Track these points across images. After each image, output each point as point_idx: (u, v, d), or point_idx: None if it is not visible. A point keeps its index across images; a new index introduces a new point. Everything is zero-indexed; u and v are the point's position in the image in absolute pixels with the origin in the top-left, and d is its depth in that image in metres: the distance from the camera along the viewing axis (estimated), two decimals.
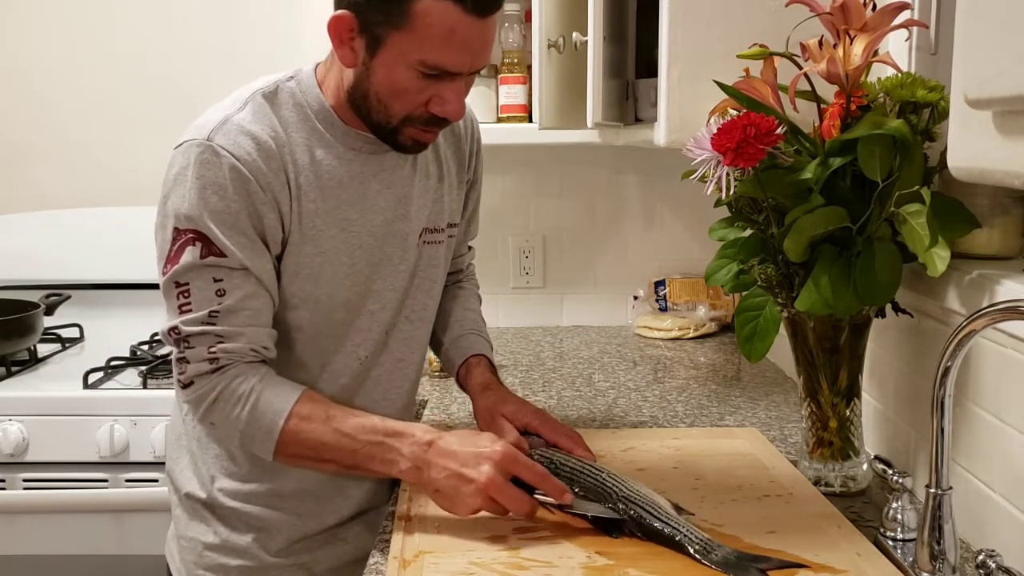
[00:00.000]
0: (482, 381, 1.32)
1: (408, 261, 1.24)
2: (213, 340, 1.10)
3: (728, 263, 1.26)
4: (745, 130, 1.04)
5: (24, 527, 1.78)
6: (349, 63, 1.11)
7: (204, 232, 1.08)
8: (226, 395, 1.11)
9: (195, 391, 1.12)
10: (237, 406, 1.11)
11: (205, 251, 1.08)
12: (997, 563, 0.89)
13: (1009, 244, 1.16)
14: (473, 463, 1.04)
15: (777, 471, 1.23)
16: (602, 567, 0.97)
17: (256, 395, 1.10)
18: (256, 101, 1.14)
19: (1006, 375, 1.02)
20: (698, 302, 2.29)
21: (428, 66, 1.06)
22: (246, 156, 1.09)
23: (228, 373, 1.11)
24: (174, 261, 1.10)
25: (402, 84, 1.08)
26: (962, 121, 0.74)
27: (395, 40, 1.05)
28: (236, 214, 1.09)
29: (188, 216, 1.08)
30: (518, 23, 2.14)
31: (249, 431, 1.11)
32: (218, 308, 1.10)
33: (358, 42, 1.08)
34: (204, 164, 1.08)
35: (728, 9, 1.38)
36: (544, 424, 1.25)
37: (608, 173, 2.37)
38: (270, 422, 1.10)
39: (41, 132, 2.38)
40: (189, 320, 1.10)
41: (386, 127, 1.14)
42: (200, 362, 1.11)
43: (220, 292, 1.10)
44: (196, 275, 1.09)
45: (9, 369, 1.93)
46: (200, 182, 1.08)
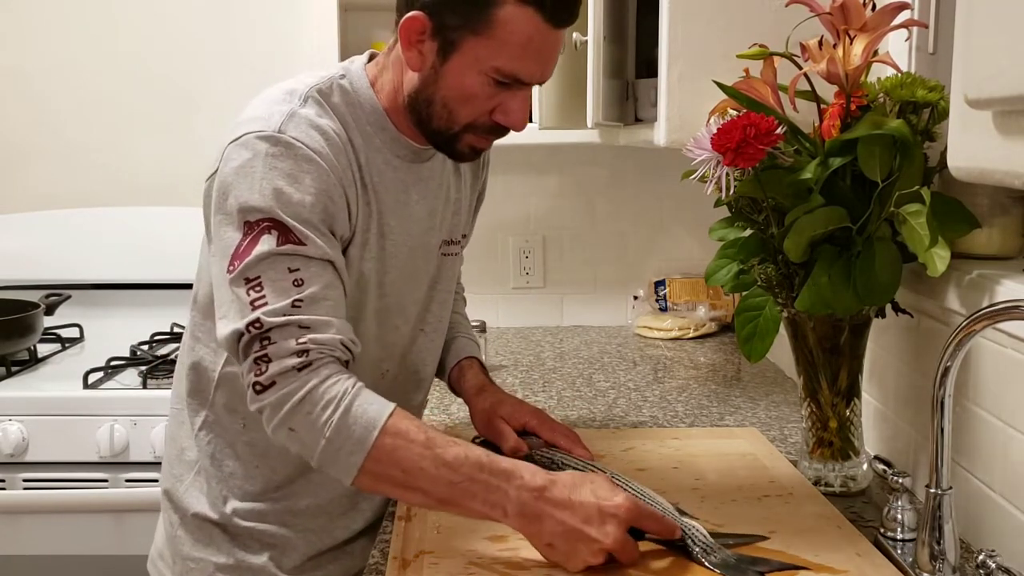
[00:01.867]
0: (476, 384, 1.31)
1: (430, 273, 1.23)
2: (300, 332, 0.98)
3: (728, 263, 1.26)
4: (745, 130, 1.04)
5: (24, 527, 1.78)
6: (416, 67, 1.07)
7: (281, 220, 1.00)
8: (316, 395, 0.97)
9: (277, 391, 0.98)
10: (328, 409, 0.97)
11: (283, 239, 1.00)
12: (997, 563, 0.89)
13: (1009, 244, 1.16)
14: (597, 521, 0.93)
15: (777, 471, 1.23)
16: (602, 567, 0.97)
17: (350, 399, 0.98)
18: (315, 97, 1.09)
19: (1006, 375, 1.02)
20: (698, 302, 2.29)
21: (503, 73, 1.05)
22: (321, 148, 1.05)
23: (320, 371, 0.98)
24: (244, 255, 1.00)
25: (472, 90, 1.06)
26: (962, 121, 0.74)
27: (471, 45, 1.03)
28: (311, 207, 1.02)
29: (260, 207, 1.01)
30: None
31: (337, 440, 0.97)
32: (301, 296, 0.99)
33: (428, 45, 1.05)
34: (276, 156, 1.02)
35: (728, 9, 1.38)
36: (542, 424, 1.24)
37: (608, 173, 2.37)
38: (363, 431, 0.97)
39: (41, 132, 2.38)
40: (270, 311, 0.98)
41: (446, 133, 1.10)
42: (286, 357, 0.98)
43: (298, 282, 1.00)
44: (269, 265, 1.00)
45: (9, 369, 1.93)
46: (273, 173, 1.02)
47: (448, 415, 1.65)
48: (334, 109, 1.10)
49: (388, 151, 1.14)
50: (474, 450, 0.99)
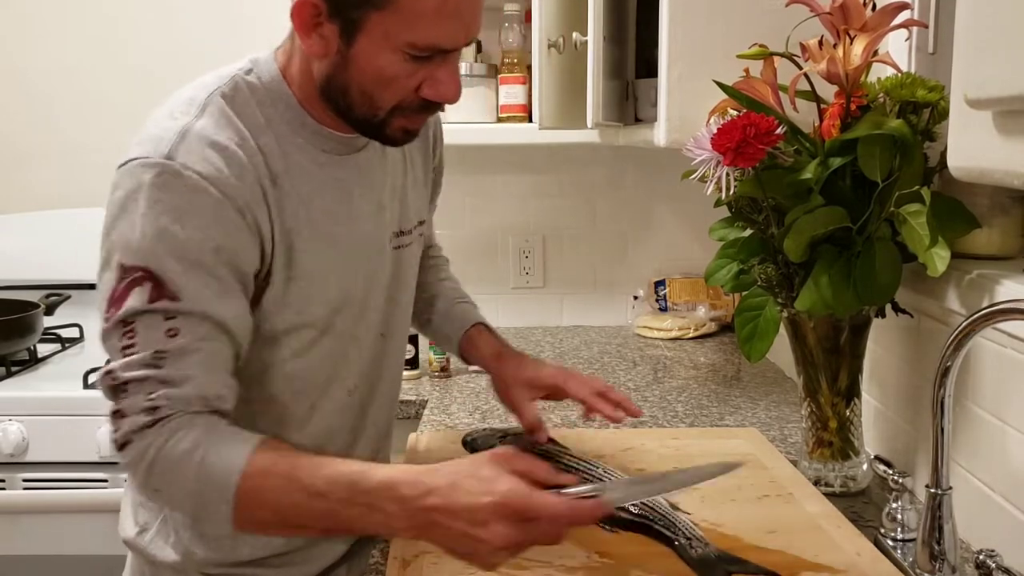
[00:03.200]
0: (492, 350, 1.24)
1: (385, 271, 1.11)
2: (155, 386, 0.89)
3: (728, 263, 1.26)
4: (745, 130, 1.04)
5: (24, 527, 1.78)
6: (318, 53, 0.95)
7: (155, 270, 0.89)
8: (166, 453, 0.88)
9: (131, 451, 0.89)
10: (182, 465, 0.88)
11: (155, 294, 0.89)
12: (997, 563, 0.89)
13: (1009, 244, 1.16)
14: (480, 523, 0.82)
15: (777, 471, 1.23)
16: (602, 567, 0.97)
17: (203, 450, 0.88)
18: (215, 104, 0.97)
19: (1006, 375, 1.02)
20: (698, 302, 2.29)
21: (420, 47, 0.92)
22: (217, 174, 0.92)
23: (168, 427, 0.89)
24: (118, 304, 0.90)
25: (389, 71, 0.93)
26: (962, 121, 0.74)
27: (377, 22, 0.90)
28: (200, 246, 0.90)
29: (138, 249, 0.89)
30: (518, 23, 2.14)
31: (201, 496, 0.88)
32: (166, 348, 0.89)
33: (328, 28, 0.92)
34: (162, 187, 0.90)
35: (728, 9, 1.38)
36: (569, 380, 1.17)
37: (608, 173, 2.37)
38: (222, 480, 0.87)
39: (41, 132, 2.38)
40: (128, 363, 0.89)
41: (373, 120, 0.98)
42: (136, 414, 0.89)
43: (171, 332, 0.90)
44: (144, 318, 0.90)
45: (9, 369, 1.93)
46: (156, 208, 0.89)
47: (448, 415, 1.65)
48: (240, 114, 0.97)
49: (313, 148, 1.02)
50: (343, 471, 0.87)
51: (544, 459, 1.15)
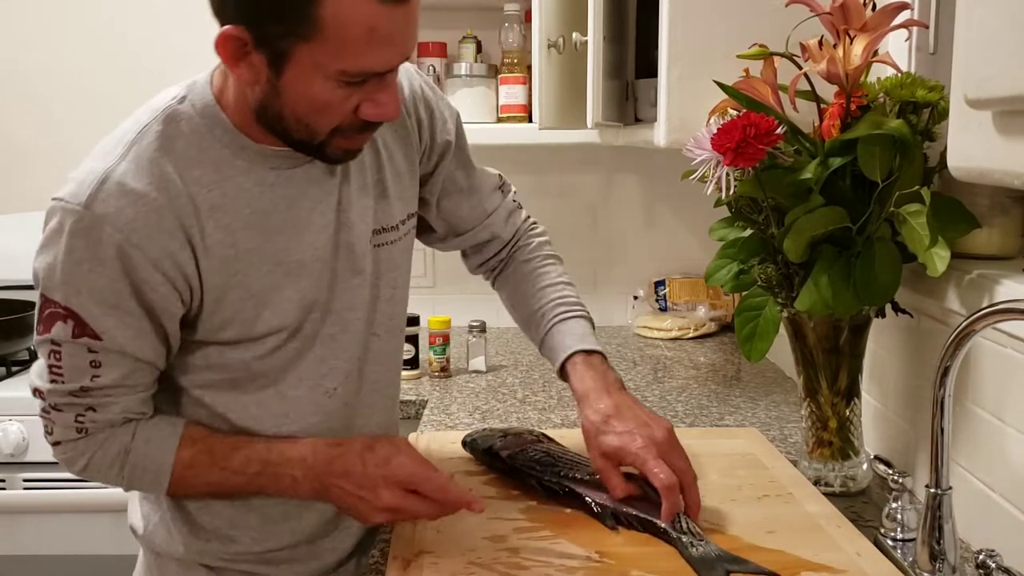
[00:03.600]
0: (580, 389, 1.14)
1: (363, 272, 1.09)
2: (82, 409, 1.00)
3: (728, 263, 1.26)
4: (745, 130, 1.04)
5: (24, 527, 1.78)
6: (249, 81, 0.93)
7: (76, 311, 0.95)
8: (97, 459, 1.03)
9: (63, 452, 1.04)
10: (113, 467, 1.04)
11: (78, 331, 0.95)
12: (997, 563, 0.89)
13: (1009, 244, 1.16)
14: (369, 487, 1.01)
15: (777, 471, 1.23)
16: (603, 567, 0.97)
17: (132, 455, 1.03)
18: (140, 144, 0.97)
19: (1006, 375, 1.02)
20: (698, 302, 2.29)
21: (351, 74, 0.90)
22: (129, 225, 0.93)
23: (97, 438, 1.02)
24: (45, 329, 0.97)
25: (323, 98, 0.91)
26: (962, 121, 0.75)
27: (304, 52, 0.88)
28: (118, 292, 0.95)
29: (58, 289, 0.95)
30: (518, 23, 2.14)
31: (135, 486, 1.07)
32: (92, 384, 0.98)
33: (256, 57, 0.90)
34: (78, 235, 0.93)
35: (728, 9, 1.38)
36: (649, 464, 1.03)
37: (608, 173, 2.37)
38: (154, 476, 1.04)
39: (41, 132, 2.38)
40: (58, 391, 0.99)
41: (311, 144, 0.97)
42: (66, 427, 1.02)
43: (95, 363, 0.98)
44: (69, 346, 0.97)
45: (9, 369, 1.93)
46: (74, 256, 0.93)
47: (448, 415, 1.65)
48: (167, 151, 0.97)
49: (259, 168, 1.00)
50: (254, 450, 1.04)
51: (544, 459, 1.16)
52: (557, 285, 1.24)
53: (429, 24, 2.31)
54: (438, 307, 2.13)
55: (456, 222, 1.25)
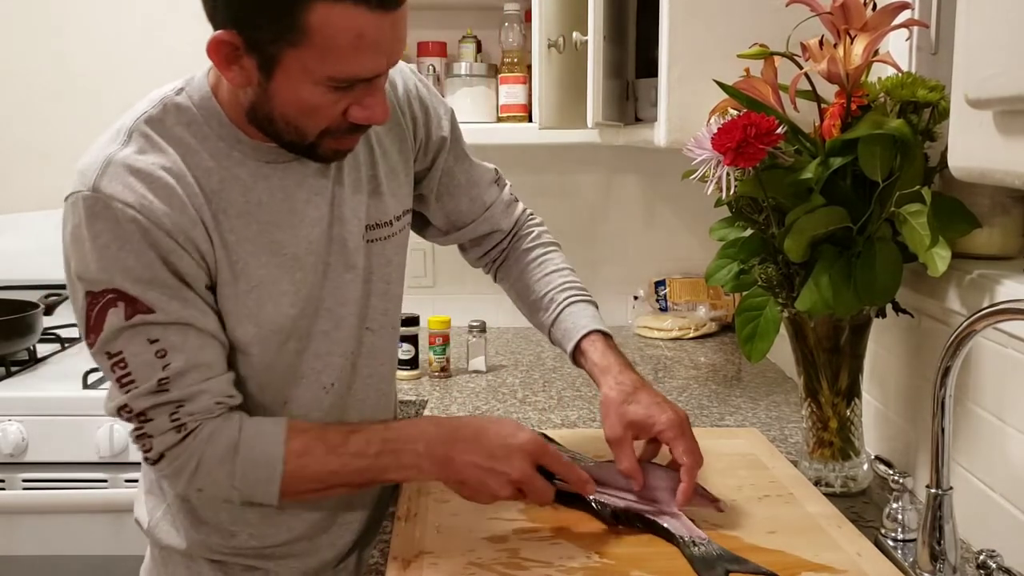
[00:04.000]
0: (602, 364, 1.15)
1: (355, 267, 1.09)
2: (172, 407, 0.97)
3: (728, 263, 1.26)
4: (745, 130, 1.04)
5: (24, 527, 1.78)
6: (240, 84, 0.95)
7: (121, 289, 0.94)
8: (208, 459, 0.98)
9: (169, 465, 0.99)
10: (224, 465, 0.98)
11: (130, 311, 0.94)
12: (997, 563, 0.89)
13: (1009, 244, 1.16)
14: (503, 455, 0.99)
15: (777, 471, 1.23)
16: (602, 567, 0.97)
17: (243, 447, 0.99)
18: (140, 131, 0.98)
19: (1006, 375, 1.02)
20: (698, 302, 2.29)
21: (339, 80, 0.92)
22: (140, 200, 0.94)
23: (201, 436, 0.98)
24: (97, 329, 0.95)
25: (311, 102, 0.93)
26: (962, 121, 0.74)
27: (293, 58, 0.90)
28: (150, 265, 0.94)
29: (98, 278, 0.94)
30: (518, 23, 2.14)
31: (246, 487, 1.00)
32: (166, 374, 0.96)
33: (247, 61, 0.92)
34: (97, 218, 0.93)
35: (728, 9, 1.38)
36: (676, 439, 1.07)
37: (608, 173, 2.37)
38: (267, 470, 0.99)
39: (41, 132, 2.38)
40: (137, 394, 0.96)
41: (301, 145, 0.99)
42: (165, 433, 0.97)
43: (160, 353, 0.95)
44: (128, 340, 0.95)
45: (9, 369, 1.93)
46: (100, 240, 0.93)
47: (448, 415, 1.65)
48: (167, 137, 0.99)
49: (253, 161, 1.02)
50: (372, 431, 1.03)
51: None
52: (562, 271, 1.27)
53: (429, 24, 2.32)
54: (438, 307, 2.12)
55: (456, 216, 1.26)
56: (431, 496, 1.16)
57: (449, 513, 1.10)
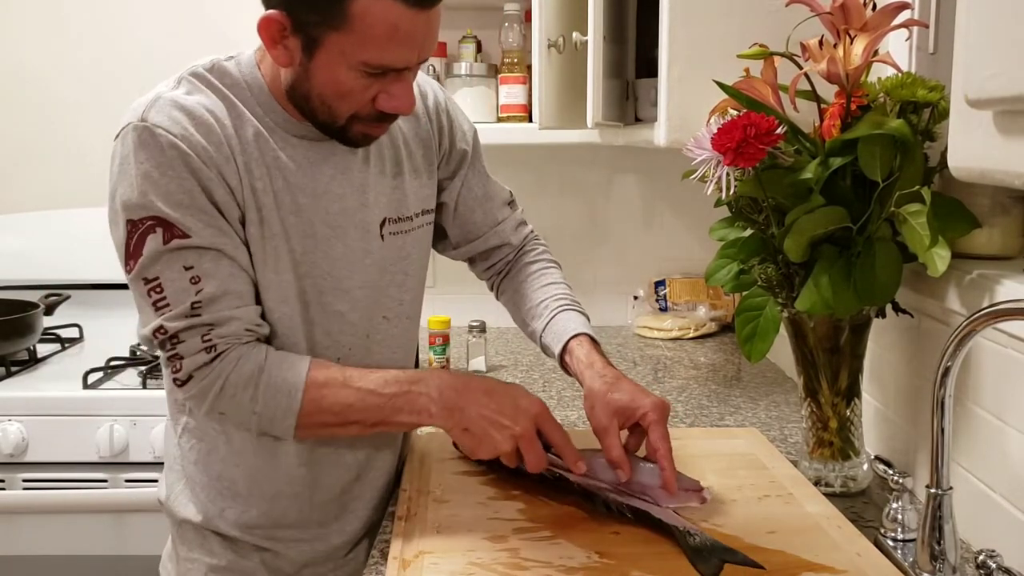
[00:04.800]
0: (586, 360, 1.21)
1: (374, 254, 1.15)
2: (205, 329, 1.03)
3: (728, 263, 1.26)
4: (745, 130, 1.04)
5: (24, 527, 1.78)
6: (284, 63, 1.03)
7: (160, 215, 1.01)
8: (233, 381, 1.04)
9: (196, 385, 1.05)
10: (248, 388, 1.04)
11: (167, 235, 1.01)
12: (997, 563, 0.89)
13: (1009, 244, 1.16)
14: (511, 412, 1.06)
15: (777, 471, 1.23)
16: (602, 567, 0.97)
17: (266, 373, 1.04)
18: (189, 78, 1.08)
19: (1006, 375, 1.02)
20: (698, 302, 2.29)
21: (372, 66, 1.00)
22: (182, 131, 1.02)
23: (229, 358, 1.04)
24: (136, 255, 1.02)
25: (346, 85, 1.02)
26: (962, 121, 0.74)
27: (334, 41, 0.99)
28: (189, 191, 1.02)
29: (139, 204, 1.01)
30: (518, 23, 2.14)
31: (267, 412, 1.05)
32: (199, 299, 1.02)
33: (292, 41, 1.01)
34: (143, 146, 1.01)
35: (728, 9, 1.38)
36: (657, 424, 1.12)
37: (608, 173, 2.37)
38: (287, 397, 1.05)
39: (41, 132, 2.38)
40: (171, 316, 1.02)
41: (333, 126, 1.07)
42: (196, 354, 1.03)
43: (195, 279, 1.02)
44: (165, 266, 1.02)
45: (9, 369, 1.93)
46: (144, 166, 1.01)
47: None
48: (212, 88, 1.07)
49: (284, 130, 1.09)
50: (390, 372, 1.09)
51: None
52: (559, 284, 1.34)
53: None
54: (438, 307, 2.12)
55: (470, 227, 1.32)
56: (431, 496, 1.16)
57: (449, 513, 1.11)
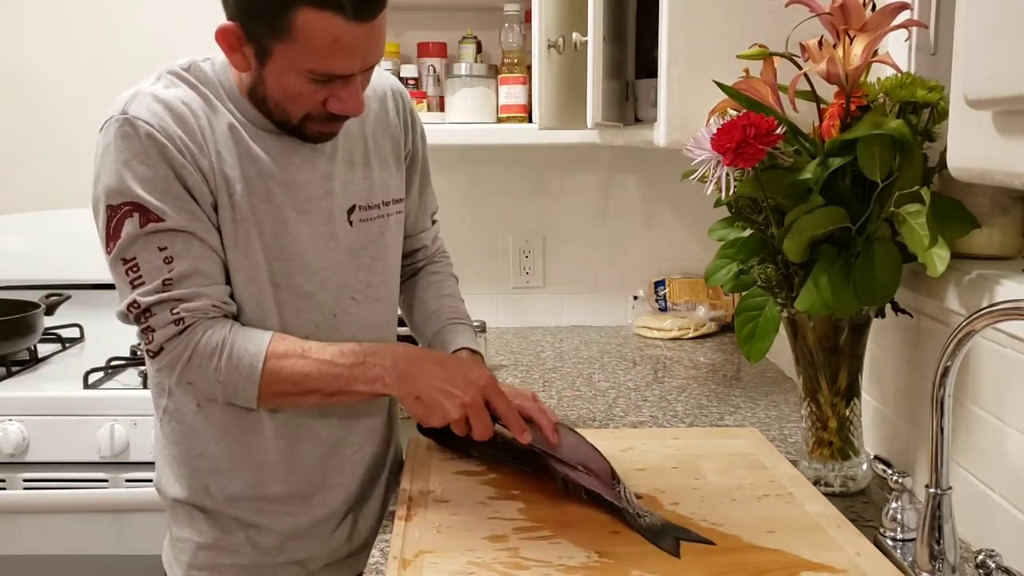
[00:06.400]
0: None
1: (340, 238, 1.22)
2: (174, 303, 1.10)
3: (728, 263, 1.26)
4: (745, 130, 1.04)
5: (24, 527, 1.78)
6: (242, 68, 1.12)
7: (137, 201, 1.09)
8: (199, 351, 1.11)
9: (166, 356, 1.12)
10: (213, 359, 1.11)
11: (144, 219, 1.09)
12: (997, 563, 0.89)
13: (1009, 244, 1.16)
14: (460, 383, 1.13)
15: (777, 471, 1.23)
16: (602, 567, 0.97)
17: (229, 344, 1.11)
18: (166, 76, 1.16)
19: (1006, 375, 1.02)
20: (698, 302, 2.29)
21: (318, 73, 1.07)
22: (160, 122, 1.10)
23: (197, 330, 1.11)
24: (115, 237, 1.10)
25: (295, 90, 1.09)
26: (962, 121, 0.75)
27: (281, 51, 1.06)
28: (164, 178, 1.09)
29: (118, 190, 1.09)
30: (518, 23, 2.14)
31: (229, 381, 1.12)
32: (170, 276, 1.10)
33: (247, 49, 1.09)
34: (123, 136, 1.09)
35: (728, 9, 1.38)
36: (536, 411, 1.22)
37: (608, 173, 2.37)
38: (249, 367, 1.11)
39: (41, 132, 2.38)
40: (145, 291, 1.10)
41: (288, 125, 1.15)
42: (166, 326, 1.11)
43: (168, 260, 1.10)
44: (140, 247, 1.10)
45: (9, 369, 1.93)
46: (123, 155, 1.09)
47: None
48: (188, 83, 1.15)
49: (252, 125, 1.16)
50: (347, 344, 1.16)
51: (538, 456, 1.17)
52: (455, 296, 1.44)
53: (429, 24, 2.32)
54: None
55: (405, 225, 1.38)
56: (431, 496, 1.16)
57: (449, 513, 1.11)
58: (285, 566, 1.25)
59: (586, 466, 1.14)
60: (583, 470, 1.14)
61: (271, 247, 1.17)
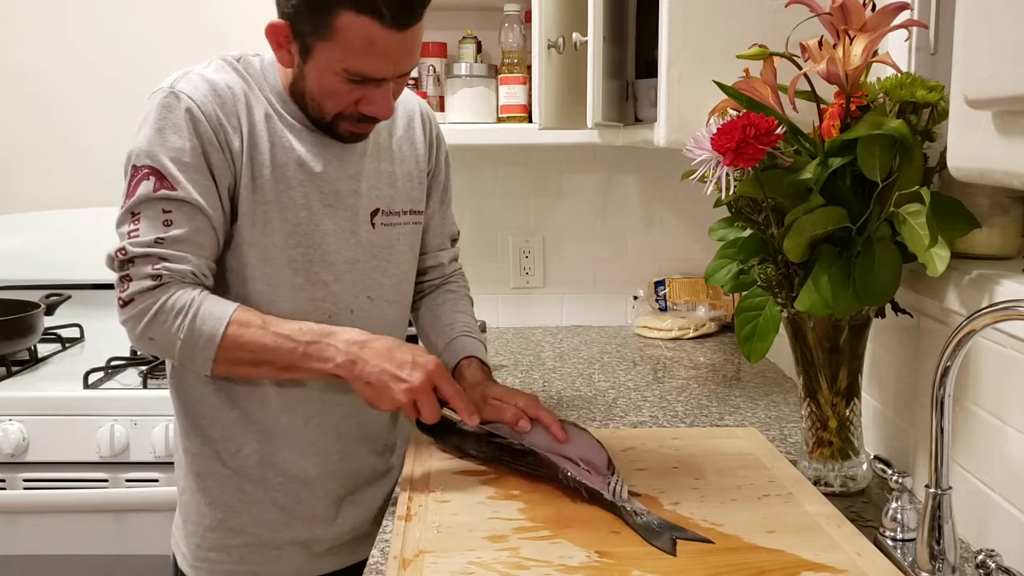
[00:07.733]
0: (473, 380, 1.33)
1: (361, 236, 1.29)
2: (157, 260, 1.15)
3: (728, 263, 1.26)
4: (745, 130, 1.04)
5: (24, 527, 1.78)
6: (287, 64, 1.20)
7: (158, 167, 1.15)
8: (167, 308, 1.15)
9: (135, 307, 1.15)
10: (178, 318, 1.15)
11: (158, 185, 1.15)
12: (997, 563, 0.89)
13: (1009, 244, 1.16)
14: (408, 368, 1.16)
15: (777, 471, 1.23)
16: (602, 567, 0.97)
17: (196, 306, 1.15)
18: (218, 61, 1.24)
19: (1006, 375, 1.02)
20: (698, 302, 2.29)
21: (352, 74, 1.15)
22: (202, 98, 1.18)
23: (169, 288, 1.15)
24: (130, 195, 1.17)
25: (331, 87, 1.17)
26: (962, 121, 0.74)
27: (321, 50, 1.14)
28: (191, 151, 1.16)
29: (147, 152, 1.16)
30: (518, 23, 2.14)
31: (190, 341, 1.15)
32: (164, 236, 1.16)
33: (293, 47, 1.17)
34: (165, 107, 1.17)
35: (728, 9, 1.38)
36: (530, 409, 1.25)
37: (608, 173, 2.37)
38: (211, 329, 1.15)
39: (41, 132, 2.38)
40: (136, 243, 1.15)
41: (322, 121, 1.23)
42: (142, 279, 1.15)
43: (167, 223, 1.16)
44: (147, 206, 1.16)
45: (9, 369, 1.93)
46: (160, 123, 1.17)
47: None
48: (237, 71, 1.24)
49: (291, 119, 1.24)
50: (306, 323, 1.19)
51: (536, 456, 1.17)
52: (468, 314, 1.48)
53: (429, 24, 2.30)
54: None
55: (422, 242, 1.43)
56: (431, 496, 1.16)
57: (449, 513, 1.11)
58: (289, 546, 1.28)
59: (584, 459, 1.16)
60: (583, 465, 1.15)
61: (293, 233, 1.23)
